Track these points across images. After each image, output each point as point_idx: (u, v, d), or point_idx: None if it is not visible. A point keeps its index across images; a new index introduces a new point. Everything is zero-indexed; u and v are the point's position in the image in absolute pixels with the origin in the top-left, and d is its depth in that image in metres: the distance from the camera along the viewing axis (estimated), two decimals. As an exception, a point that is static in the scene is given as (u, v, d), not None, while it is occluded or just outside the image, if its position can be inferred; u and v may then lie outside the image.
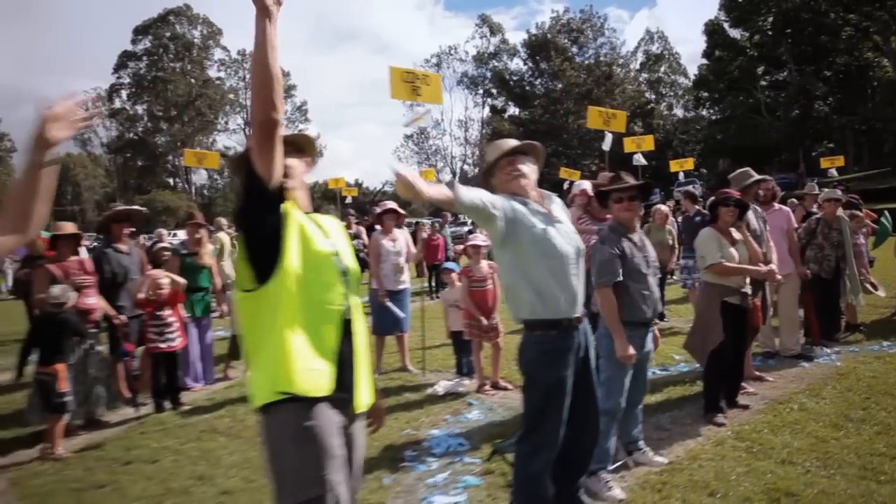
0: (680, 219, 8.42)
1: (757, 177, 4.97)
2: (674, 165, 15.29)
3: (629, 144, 11.10)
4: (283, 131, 1.85)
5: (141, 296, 4.97)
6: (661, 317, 6.87)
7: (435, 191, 2.32)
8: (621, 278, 3.25)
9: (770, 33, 38.44)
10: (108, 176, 62.76)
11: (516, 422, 4.37)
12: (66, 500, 3.50)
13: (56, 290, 4.30)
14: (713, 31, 41.46)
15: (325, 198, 66.71)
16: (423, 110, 5.98)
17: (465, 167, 42.41)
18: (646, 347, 3.43)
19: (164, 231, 13.06)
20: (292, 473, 1.86)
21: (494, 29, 50.81)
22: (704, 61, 43.38)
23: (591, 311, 3.21)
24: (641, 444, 3.61)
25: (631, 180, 3.43)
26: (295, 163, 2.06)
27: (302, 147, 2.12)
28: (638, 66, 46.73)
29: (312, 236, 1.92)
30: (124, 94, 55.36)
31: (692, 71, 47.53)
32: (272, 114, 1.71)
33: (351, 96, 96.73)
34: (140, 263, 5.37)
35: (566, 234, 2.63)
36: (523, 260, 2.54)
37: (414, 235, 9.50)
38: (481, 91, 49.65)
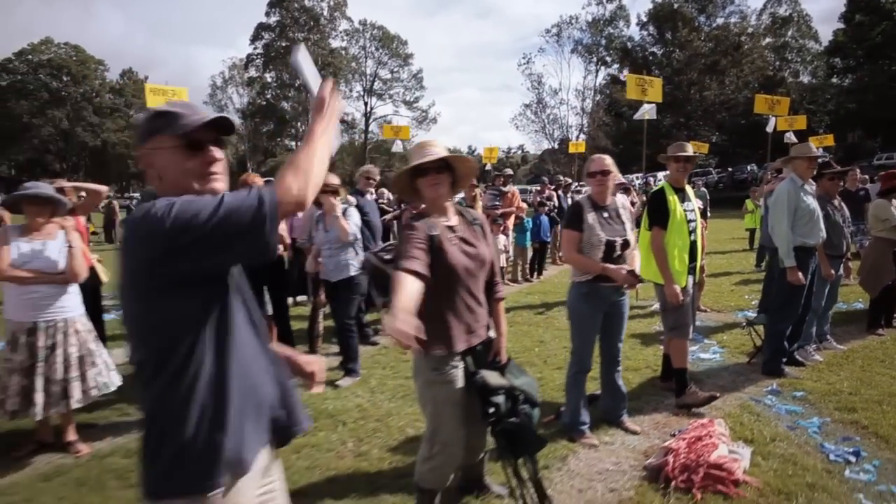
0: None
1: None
2: (814, 142, 16.10)
3: (782, 123, 12.37)
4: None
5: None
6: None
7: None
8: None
9: (923, -5, 35.91)
10: (240, 139, 68.94)
11: (725, 326, 6.44)
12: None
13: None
14: (855, -7, 39.11)
15: (439, 163, 68.81)
16: (650, 106, 7.92)
17: (582, 136, 43.35)
18: (838, 272, 5.36)
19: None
20: (672, 312, 4.04)
21: (611, -5, 50.53)
22: (840, 25, 41.07)
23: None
24: (829, 336, 5.56)
25: (837, 167, 5.32)
26: (677, 166, 4.19)
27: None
28: (762, 30, 44.78)
29: (678, 211, 4.01)
30: (259, 63, 60.22)
31: (822, 33, 44.92)
32: None
33: (450, 61, 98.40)
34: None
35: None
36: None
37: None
38: (595, 59, 49.85)
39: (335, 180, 4.86)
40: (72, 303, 3.74)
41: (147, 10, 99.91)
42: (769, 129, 11.12)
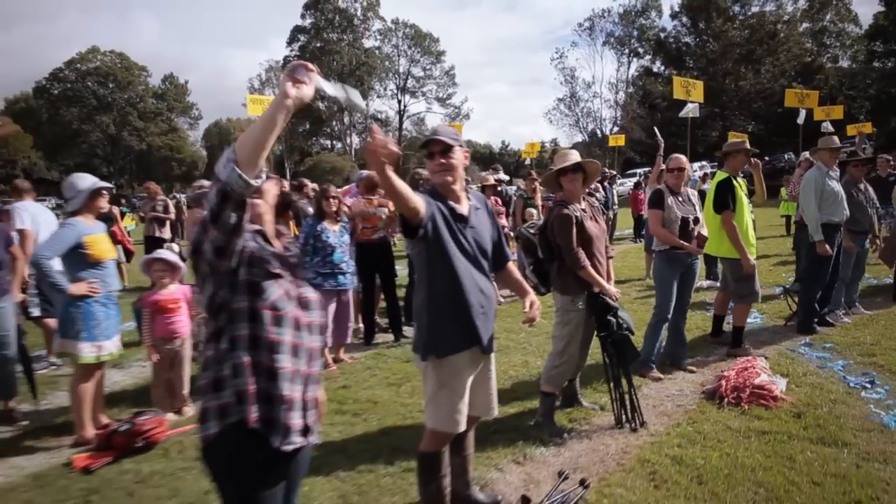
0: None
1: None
2: (851, 130, 16.45)
3: (819, 113, 12.97)
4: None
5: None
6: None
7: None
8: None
9: (967, -25, 35.17)
10: (277, 140, 70.59)
11: (765, 298, 7.28)
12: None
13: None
14: (895, -25, 38.38)
15: (472, 158, 69.69)
16: (693, 105, 8.78)
17: (615, 129, 43.72)
18: (864, 247, 6.20)
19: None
20: (744, 281, 4.96)
21: (643, -15, 50.45)
22: (881, 8, 40.36)
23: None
24: (857, 304, 6.41)
25: (862, 155, 6.16)
26: (739, 157, 5.12)
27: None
28: (799, 16, 44.17)
29: (742, 196, 4.95)
30: (295, 64, 61.50)
31: (862, 15, 44.08)
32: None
33: (479, 56, 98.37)
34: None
35: None
36: None
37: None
38: (627, 51, 49.98)
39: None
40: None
41: (178, 15, 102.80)
42: (800, 121, 11.80)
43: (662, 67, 46.77)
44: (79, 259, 3.65)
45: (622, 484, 3.03)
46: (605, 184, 12.36)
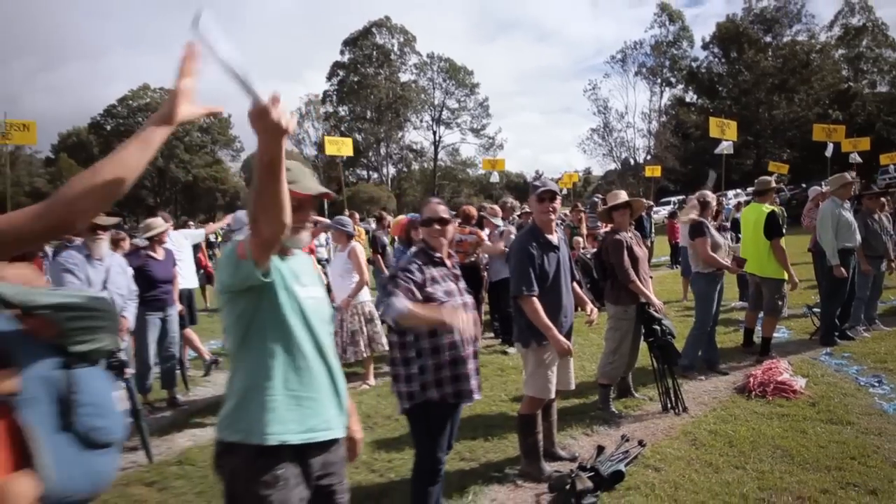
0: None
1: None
2: (884, 159, 16.90)
3: (846, 145, 13.67)
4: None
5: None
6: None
7: None
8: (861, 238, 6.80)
9: None
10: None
11: (792, 316, 8.09)
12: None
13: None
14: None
15: (507, 187, 71.04)
16: (727, 143, 9.70)
17: (648, 158, 44.43)
18: (880, 269, 7.00)
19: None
20: (781, 299, 5.88)
21: (674, 17, 51.55)
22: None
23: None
24: (877, 321, 7.17)
25: (875, 188, 7.02)
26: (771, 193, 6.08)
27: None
28: (834, 42, 44.31)
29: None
30: (334, 98, 64.33)
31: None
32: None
33: (511, 86, 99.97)
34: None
35: None
36: None
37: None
38: (659, 80, 50.87)
39: (498, 213, 7.02)
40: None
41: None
42: (828, 153, 12.57)
43: (695, 97, 47.48)
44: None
45: (670, 446, 3.97)
46: (644, 213, 13.28)
